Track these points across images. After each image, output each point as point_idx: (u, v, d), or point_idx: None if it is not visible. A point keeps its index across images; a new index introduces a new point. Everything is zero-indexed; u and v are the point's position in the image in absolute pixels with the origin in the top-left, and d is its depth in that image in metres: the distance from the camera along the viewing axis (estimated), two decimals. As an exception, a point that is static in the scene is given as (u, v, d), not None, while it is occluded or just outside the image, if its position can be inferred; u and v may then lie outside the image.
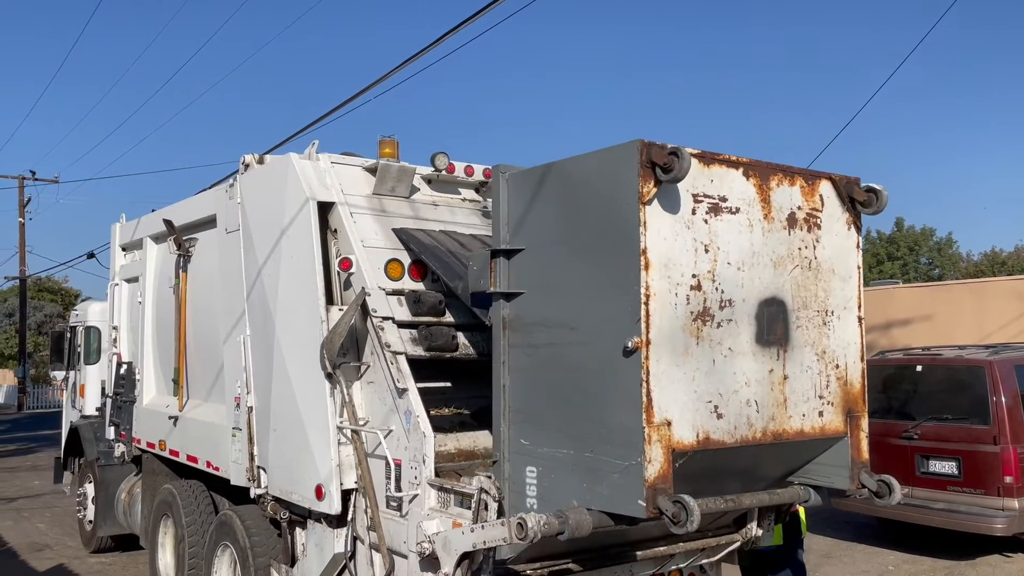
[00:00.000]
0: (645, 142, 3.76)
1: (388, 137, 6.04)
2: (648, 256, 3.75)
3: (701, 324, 3.93)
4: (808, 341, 4.35)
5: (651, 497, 3.67)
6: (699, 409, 3.89)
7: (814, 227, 4.39)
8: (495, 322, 4.49)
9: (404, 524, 4.91)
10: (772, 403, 4.18)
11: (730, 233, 4.05)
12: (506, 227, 4.46)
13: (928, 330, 16.20)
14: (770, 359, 4.18)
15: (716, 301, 3.98)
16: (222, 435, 6.62)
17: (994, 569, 9.16)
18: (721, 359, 3.99)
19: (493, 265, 4.47)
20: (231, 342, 6.51)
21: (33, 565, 9.67)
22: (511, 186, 4.48)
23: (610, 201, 3.89)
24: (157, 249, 8.53)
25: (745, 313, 4.10)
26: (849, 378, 4.52)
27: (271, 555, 6.13)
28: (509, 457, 4.39)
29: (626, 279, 3.78)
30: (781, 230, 4.25)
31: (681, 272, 3.87)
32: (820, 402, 4.38)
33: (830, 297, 4.45)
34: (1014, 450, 8.89)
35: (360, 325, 5.40)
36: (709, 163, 4.01)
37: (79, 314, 11.75)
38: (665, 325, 3.79)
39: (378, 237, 5.71)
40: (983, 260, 49.15)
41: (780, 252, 4.24)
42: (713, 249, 3.99)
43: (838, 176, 4.51)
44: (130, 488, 9.26)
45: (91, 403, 10.68)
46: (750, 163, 4.16)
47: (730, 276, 4.05)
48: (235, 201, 6.51)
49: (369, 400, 5.34)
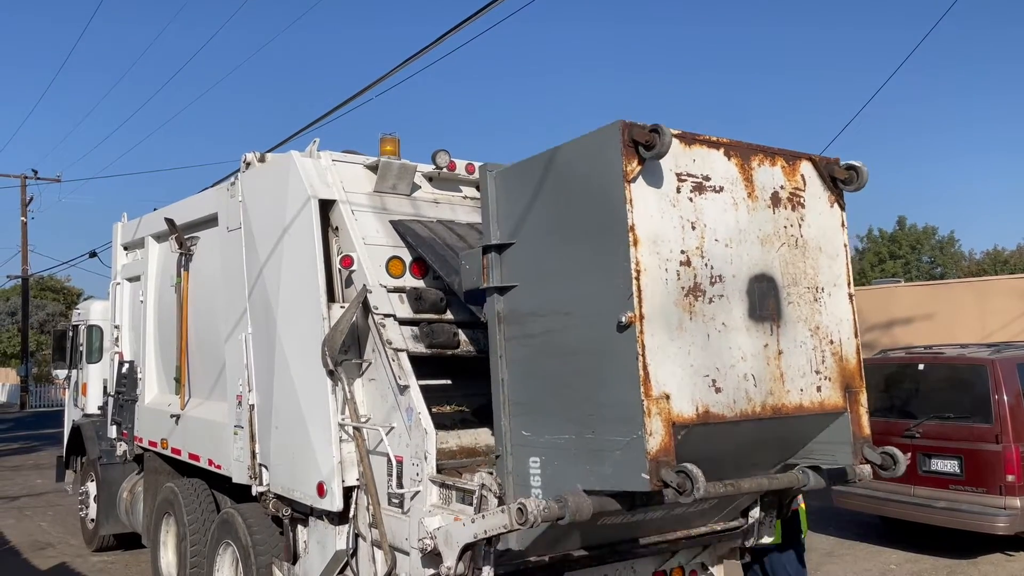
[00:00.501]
0: (626, 122, 3.82)
1: (389, 135, 6.05)
2: (636, 232, 3.80)
3: (693, 299, 3.97)
4: (800, 317, 4.39)
5: (654, 470, 3.67)
6: (697, 383, 3.91)
7: (798, 206, 4.45)
8: (490, 317, 4.52)
9: (406, 521, 4.91)
10: (769, 378, 4.21)
11: (715, 211, 4.12)
12: (495, 223, 4.50)
13: (930, 329, 16.20)
14: (764, 334, 4.22)
15: (707, 277, 4.04)
16: (224, 433, 6.63)
17: (996, 568, 9.15)
18: (715, 334, 4.03)
19: (485, 261, 4.50)
20: (233, 340, 6.51)
21: (36, 563, 9.68)
22: (498, 183, 4.52)
23: (596, 183, 3.95)
24: (159, 248, 8.54)
25: (736, 289, 4.15)
26: (844, 354, 4.55)
27: (273, 553, 6.15)
28: (511, 450, 4.39)
29: (616, 256, 3.82)
30: (765, 208, 4.32)
31: (670, 248, 3.92)
32: (817, 377, 4.41)
33: (819, 274, 4.50)
34: (1016, 449, 8.88)
35: (361, 322, 5.41)
36: (690, 143, 4.08)
37: (81, 313, 11.77)
38: (657, 300, 3.83)
39: (379, 235, 5.71)
40: (985, 259, 49.09)
41: (766, 230, 4.30)
42: (700, 226, 4.05)
43: (818, 156, 4.58)
44: (132, 487, 9.27)
45: (93, 402, 10.70)
46: (731, 143, 4.23)
47: (719, 252, 4.11)
48: (236, 199, 6.52)
49: (371, 397, 5.35)
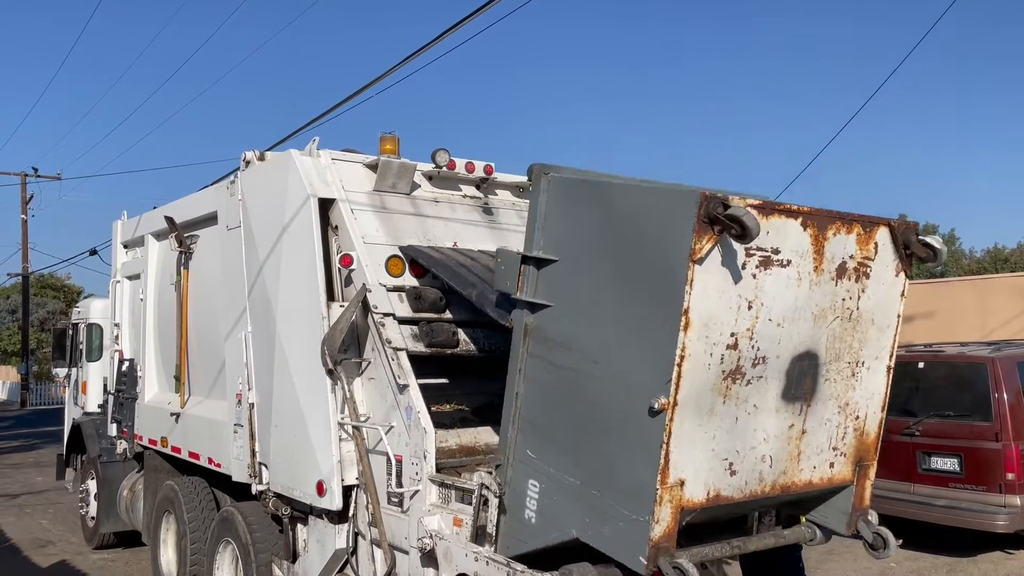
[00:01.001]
0: (706, 195, 3.41)
1: (389, 134, 6.04)
2: (690, 316, 3.47)
3: (731, 383, 3.71)
4: (833, 394, 4.14)
5: (653, 556, 3.60)
6: (714, 468, 3.76)
7: (862, 276, 4.10)
8: (516, 327, 4.30)
9: (405, 520, 4.91)
10: (786, 457, 4.03)
11: (776, 288, 3.76)
12: (541, 232, 4.16)
13: (930, 327, 16.17)
14: (792, 414, 4.00)
15: (750, 359, 3.75)
16: (224, 432, 6.63)
17: (995, 566, 9.15)
18: (744, 416, 3.81)
19: (523, 270, 4.23)
20: (232, 339, 6.51)
21: (36, 561, 9.69)
22: (553, 191, 4.13)
23: (659, 249, 3.59)
24: (159, 246, 8.54)
25: (777, 369, 3.87)
26: (867, 428, 4.35)
27: (273, 551, 6.15)
28: (513, 463, 4.28)
29: (662, 337, 3.52)
30: (828, 281, 3.97)
31: (720, 331, 3.60)
32: (833, 453, 4.23)
33: (864, 347, 4.21)
34: (1016, 447, 8.88)
35: (361, 321, 5.40)
36: (768, 214, 3.65)
37: (81, 311, 11.76)
38: (695, 386, 3.57)
39: (379, 234, 5.71)
40: (986, 257, 49.05)
41: (823, 304, 3.97)
42: (756, 306, 3.71)
43: (896, 222, 4.24)
44: (132, 485, 9.28)
45: (93, 400, 10.70)
46: (809, 212, 3.83)
47: (769, 333, 3.79)
48: (236, 198, 6.52)
49: (370, 396, 5.35)
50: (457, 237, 6.05)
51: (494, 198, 6.58)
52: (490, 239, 6.19)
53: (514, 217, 6.51)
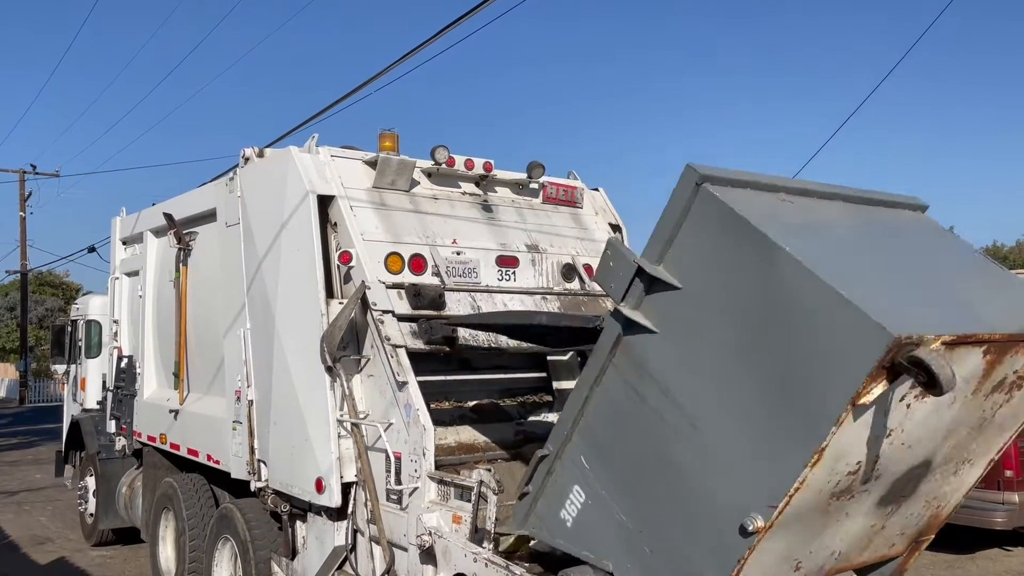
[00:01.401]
0: (900, 340, 2.74)
1: (388, 131, 6.03)
2: (824, 453, 2.98)
3: (835, 500, 3.31)
4: (928, 492, 3.78)
5: None
6: (782, 569, 3.46)
7: (1015, 388, 3.58)
8: (607, 333, 3.72)
9: (404, 517, 4.92)
10: (854, 549, 3.75)
11: (926, 413, 3.26)
12: (668, 246, 3.47)
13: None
14: (880, 516, 3.66)
15: (864, 478, 3.33)
16: (222, 428, 6.63)
17: (994, 563, 9.16)
18: (834, 524, 3.46)
19: (633, 282, 3.58)
20: (231, 336, 6.51)
21: (35, 558, 9.69)
22: (705, 208, 3.37)
23: (816, 364, 2.99)
24: (157, 243, 8.53)
25: (886, 482, 3.49)
26: (942, 515, 4.03)
27: (272, 548, 6.16)
28: (563, 459, 3.89)
29: (784, 466, 3.04)
30: (981, 398, 3.48)
31: (847, 462, 3.16)
32: (900, 537, 3.95)
33: (978, 447, 3.78)
34: (1014, 444, 8.86)
35: (360, 319, 5.40)
36: (953, 348, 3.06)
37: (80, 308, 11.75)
38: (799, 509, 3.15)
39: (378, 230, 5.71)
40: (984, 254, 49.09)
41: (962, 419, 3.50)
42: (896, 433, 3.22)
43: None
44: (131, 482, 9.28)
45: (92, 397, 10.69)
46: (995, 340, 3.24)
47: (894, 454, 3.33)
48: (235, 195, 6.51)
49: (369, 393, 5.35)
50: (456, 234, 6.05)
51: (493, 195, 6.58)
52: (489, 236, 6.19)
53: (513, 214, 6.51)
